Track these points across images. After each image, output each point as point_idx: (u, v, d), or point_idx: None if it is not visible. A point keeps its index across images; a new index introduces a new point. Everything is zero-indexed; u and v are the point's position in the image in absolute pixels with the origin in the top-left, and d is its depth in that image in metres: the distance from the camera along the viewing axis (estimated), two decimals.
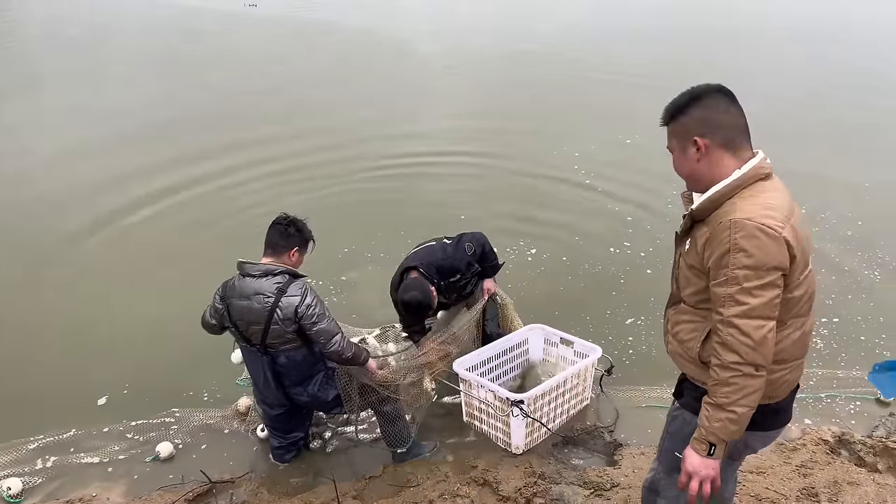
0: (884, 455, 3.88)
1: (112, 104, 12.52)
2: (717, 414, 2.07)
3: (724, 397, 2.05)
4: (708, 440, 2.11)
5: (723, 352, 2.04)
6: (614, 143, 9.84)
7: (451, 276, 4.37)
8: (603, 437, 4.17)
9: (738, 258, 1.98)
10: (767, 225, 1.97)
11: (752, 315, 1.99)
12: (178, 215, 7.77)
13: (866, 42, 18.34)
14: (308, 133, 10.63)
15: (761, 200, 2.04)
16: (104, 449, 4.24)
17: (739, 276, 1.98)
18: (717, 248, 2.03)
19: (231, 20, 22.01)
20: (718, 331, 2.06)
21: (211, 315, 3.70)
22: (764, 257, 1.96)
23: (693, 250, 2.18)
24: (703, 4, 24.92)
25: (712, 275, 2.07)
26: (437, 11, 25.28)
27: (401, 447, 3.95)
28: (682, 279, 2.29)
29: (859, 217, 7.24)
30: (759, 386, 2.05)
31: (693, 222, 2.20)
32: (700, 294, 2.19)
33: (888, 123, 10.80)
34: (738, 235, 1.97)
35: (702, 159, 2.12)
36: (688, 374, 2.34)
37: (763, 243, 1.96)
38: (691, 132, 2.13)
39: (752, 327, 1.99)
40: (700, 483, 2.15)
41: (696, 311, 2.23)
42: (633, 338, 5.22)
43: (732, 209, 2.04)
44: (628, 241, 6.83)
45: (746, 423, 2.09)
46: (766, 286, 1.98)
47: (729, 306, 2.01)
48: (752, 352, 2.00)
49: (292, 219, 3.66)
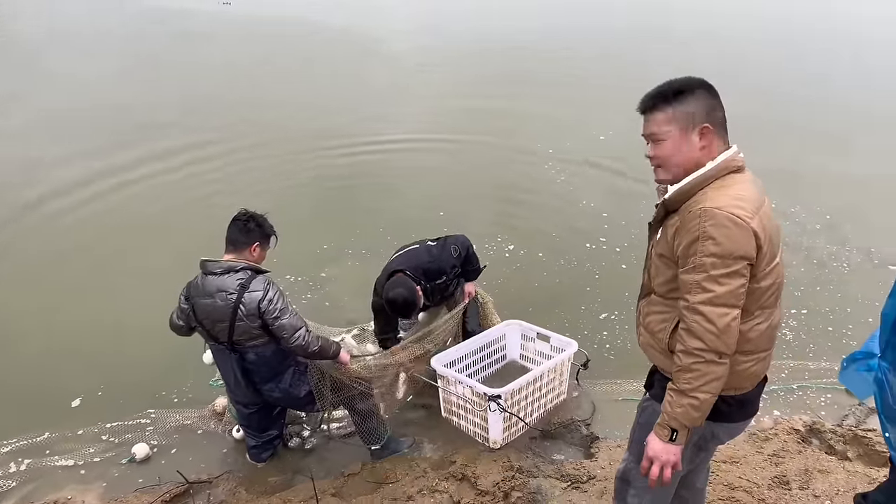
0: (853, 443, 3.96)
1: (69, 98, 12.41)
2: (679, 399, 2.11)
3: (687, 383, 2.08)
4: (670, 425, 2.14)
5: (687, 338, 2.07)
6: (589, 139, 9.92)
7: (437, 279, 4.37)
8: (580, 431, 4.21)
9: (706, 246, 2.00)
10: (736, 215, 1.99)
11: (718, 303, 2.02)
12: (146, 213, 7.71)
13: (834, 40, 18.67)
14: (279, 126, 10.65)
15: (732, 192, 2.06)
16: (79, 451, 4.19)
17: (707, 264, 2.01)
18: (686, 235, 2.06)
19: (206, 18, 21.77)
20: (684, 317, 2.08)
21: (178, 317, 3.67)
22: (731, 246, 1.99)
23: (664, 239, 2.20)
24: (679, 4, 25.19)
25: (681, 262, 2.10)
26: (413, 12, 25.22)
27: (375, 444, 3.96)
28: (653, 270, 2.31)
29: (827, 211, 7.40)
30: (722, 373, 2.08)
31: (666, 212, 2.22)
32: (669, 284, 2.21)
33: (858, 120, 11.01)
34: (708, 224, 2.00)
35: (704, 147, 2.13)
36: (658, 364, 2.37)
37: (731, 232, 1.99)
38: (698, 119, 2.12)
39: (716, 315, 2.02)
40: (661, 468, 2.18)
41: (665, 302, 2.26)
42: (607, 332, 5.28)
43: (703, 199, 2.07)
44: (604, 237, 6.90)
45: (708, 410, 2.12)
46: (733, 275, 2.01)
47: (695, 293, 2.04)
48: (716, 339, 2.03)
49: (252, 214, 3.64)
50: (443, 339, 4.49)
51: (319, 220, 7.43)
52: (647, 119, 2.20)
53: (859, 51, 16.85)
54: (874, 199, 7.79)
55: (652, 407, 2.41)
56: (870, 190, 8.03)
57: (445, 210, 7.46)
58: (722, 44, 17.40)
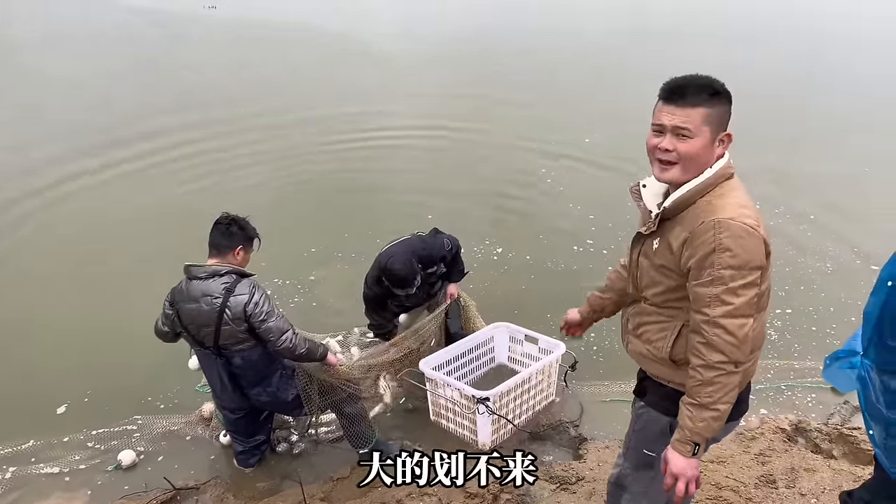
0: (839, 442, 4.00)
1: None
2: (700, 414, 2.07)
3: (709, 396, 2.05)
4: (693, 441, 2.11)
5: (707, 352, 2.04)
6: (574, 141, 9.96)
7: (430, 267, 4.35)
8: (568, 432, 4.22)
9: (723, 258, 1.97)
10: (749, 224, 1.98)
11: (737, 314, 2.00)
12: (128, 218, 7.63)
13: (820, 38, 18.84)
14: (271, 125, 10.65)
15: (735, 200, 2.05)
16: (64, 459, 4.15)
17: (725, 276, 1.98)
18: (699, 248, 2.02)
19: (189, 22, 21.66)
20: (703, 331, 2.04)
21: (163, 322, 3.65)
22: (747, 256, 1.98)
23: (666, 250, 2.14)
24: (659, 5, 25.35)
25: (694, 275, 2.05)
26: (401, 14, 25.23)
27: (363, 447, 3.95)
28: (644, 279, 2.27)
29: (812, 211, 7.47)
30: (739, 382, 2.08)
31: (660, 220, 2.17)
32: (669, 294, 2.19)
33: (842, 119, 11.12)
34: (723, 235, 1.97)
35: (720, 156, 2.10)
36: (654, 373, 2.35)
37: (746, 243, 1.98)
38: (725, 123, 2.09)
39: (736, 326, 2.00)
40: (686, 483, 2.15)
41: (661, 311, 2.24)
42: (594, 334, 5.28)
43: (710, 209, 2.03)
44: (591, 239, 6.92)
45: (726, 418, 2.11)
46: (749, 285, 2.00)
47: (715, 306, 2.01)
48: (736, 350, 2.02)
49: (234, 217, 3.63)
50: (426, 340, 4.48)
51: (308, 222, 7.43)
52: (675, 109, 2.05)
53: (823, 48, 17.05)
54: (857, 199, 7.87)
55: (647, 414, 2.40)
56: (852, 190, 8.12)
57: (434, 213, 7.47)
58: (686, 42, 17.51)
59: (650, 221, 2.18)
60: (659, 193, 2.24)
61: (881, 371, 2.13)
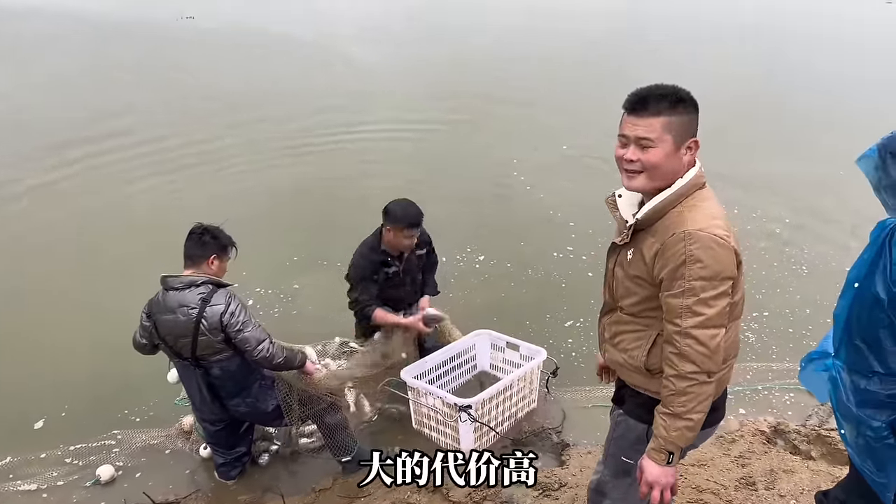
0: (817, 443, 4.04)
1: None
2: (674, 423, 2.10)
3: (682, 406, 2.07)
4: (667, 449, 2.13)
5: (679, 362, 2.06)
6: (552, 148, 10.04)
7: (420, 247, 4.37)
8: (551, 438, 4.24)
9: (693, 269, 1.99)
10: (719, 235, 2.00)
11: (709, 325, 2.02)
12: (102, 228, 7.60)
13: (789, 40, 19.16)
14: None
15: (706, 211, 2.06)
16: (42, 475, 4.09)
17: (696, 287, 2.00)
18: (670, 259, 2.03)
19: (168, 31, 21.57)
20: (675, 341, 2.06)
21: (140, 335, 3.63)
22: (718, 267, 2.00)
23: (639, 261, 2.16)
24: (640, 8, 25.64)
25: (665, 286, 2.07)
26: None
27: (345, 457, 3.93)
28: (619, 289, 2.28)
29: (787, 215, 7.58)
30: (712, 391, 2.10)
31: (633, 231, 2.19)
32: (643, 304, 2.20)
33: (810, 119, 11.31)
34: (694, 247, 1.99)
35: (689, 163, 2.12)
36: (630, 382, 2.36)
37: (717, 253, 1.99)
38: (691, 131, 2.10)
39: (708, 336, 2.02)
40: (661, 491, 2.17)
41: (637, 321, 2.25)
42: (572, 340, 5.34)
43: (681, 220, 2.05)
44: (571, 246, 6.97)
45: (700, 427, 2.13)
46: (720, 296, 2.02)
47: (686, 317, 2.02)
48: (708, 360, 2.04)
49: (206, 227, 3.62)
50: (401, 353, 4.44)
51: (291, 230, 7.41)
52: (637, 120, 2.08)
53: (784, 46, 17.35)
54: (829, 200, 8.00)
55: (626, 422, 2.42)
56: (825, 192, 8.25)
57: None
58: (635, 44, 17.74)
59: (625, 232, 2.21)
60: (634, 203, 2.26)
61: (851, 371, 2.17)
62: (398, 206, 4.14)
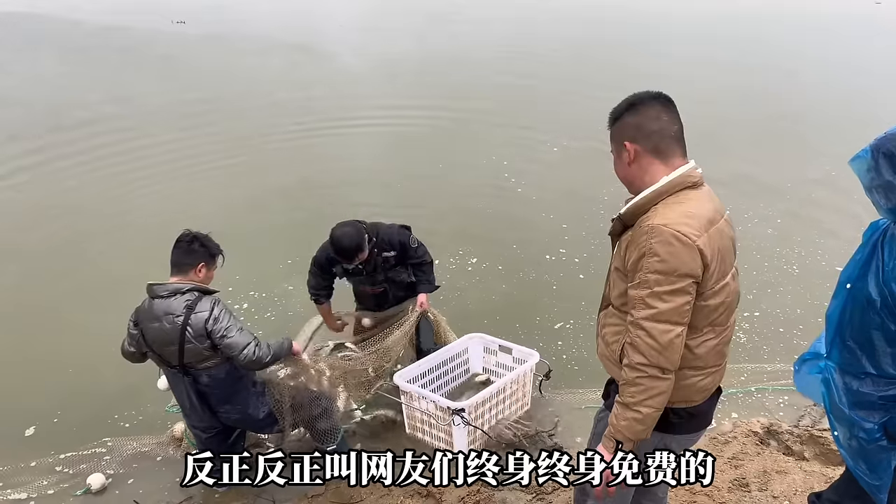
0: (810, 443, 4.05)
1: None
2: (624, 413, 2.12)
3: (631, 397, 2.09)
4: (615, 438, 2.15)
5: (631, 352, 2.09)
6: (541, 150, 10.05)
7: (386, 250, 4.37)
8: (544, 441, 4.22)
9: (651, 262, 2.01)
10: (682, 232, 2.00)
11: (660, 319, 2.03)
12: (92, 233, 7.56)
13: (784, 39, 19.27)
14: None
15: (683, 209, 2.07)
16: (31, 484, 4.05)
17: (651, 280, 2.02)
18: (634, 251, 2.07)
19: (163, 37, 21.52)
20: (629, 332, 2.10)
21: (129, 343, 3.60)
22: (675, 262, 2.00)
23: (618, 254, 2.22)
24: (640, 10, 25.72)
25: (629, 277, 2.12)
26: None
27: (330, 444, 3.90)
28: (610, 282, 2.33)
29: (778, 215, 7.61)
30: (666, 388, 2.09)
31: (623, 227, 2.23)
32: (623, 297, 2.22)
33: (806, 125, 11.36)
34: (654, 241, 2.01)
35: (632, 164, 2.16)
36: (612, 375, 2.38)
37: (675, 250, 2.00)
38: (624, 137, 2.17)
39: (658, 331, 2.03)
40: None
41: (619, 314, 2.26)
42: (562, 342, 5.34)
43: (653, 215, 2.08)
44: (564, 248, 6.96)
45: (653, 424, 2.13)
46: (676, 292, 2.01)
47: (639, 309, 2.06)
48: (658, 355, 2.04)
49: (195, 234, 3.60)
50: (397, 351, 4.47)
51: (286, 233, 7.37)
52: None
53: (773, 46, 17.46)
54: (821, 201, 8.04)
55: (607, 418, 2.40)
56: (816, 192, 8.29)
57: (409, 223, 7.46)
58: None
59: (613, 223, 2.28)
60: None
61: (843, 372, 2.17)
62: (332, 237, 4.19)
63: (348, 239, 4.11)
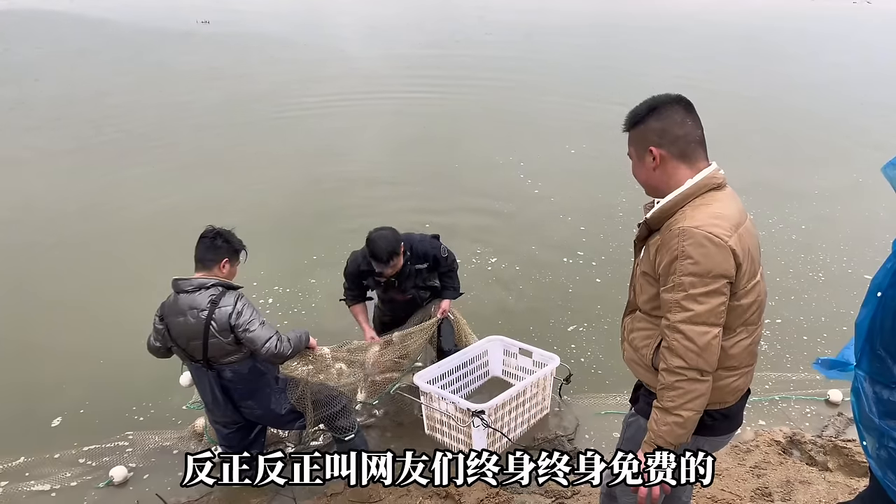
0: (833, 454, 4.00)
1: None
2: (664, 418, 2.11)
3: (671, 401, 2.09)
4: (656, 444, 2.14)
5: (669, 356, 2.08)
6: (559, 152, 10.02)
7: (419, 262, 4.37)
8: (563, 446, 4.21)
9: (684, 265, 2.01)
10: (714, 233, 2.00)
11: (697, 321, 2.03)
12: (121, 231, 7.64)
13: (810, 54, 19.06)
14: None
15: (711, 210, 2.07)
16: (55, 475, 4.10)
17: (686, 283, 2.02)
18: (666, 254, 2.07)
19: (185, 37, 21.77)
20: (666, 335, 2.09)
21: (154, 338, 3.64)
22: (709, 265, 2.00)
23: (647, 258, 2.21)
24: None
25: (662, 281, 2.11)
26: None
27: (349, 434, 3.93)
28: (636, 286, 2.32)
29: (803, 221, 7.52)
30: (705, 391, 2.09)
31: (649, 231, 2.23)
32: (653, 301, 2.22)
33: (832, 133, 11.22)
34: (686, 243, 2.01)
35: (657, 168, 2.16)
36: (642, 380, 2.38)
37: (709, 251, 2.00)
38: (648, 142, 2.16)
39: (696, 333, 2.03)
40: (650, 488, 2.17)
41: (649, 319, 2.26)
42: (575, 345, 5.31)
43: (682, 217, 2.07)
44: (581, 251, 6.94)
45: (693, 427, 2.13)
46: (712, 293, 2.02)
47: (675, 312, 2.05)
48: (697, 357, 2.04)
49: (219, 230, 3.62)
50: (411, 352, 4.47)
51: (311, 230, 7.45)
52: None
53: (797, 53, 17.21)
54: (848, 208, 7.94)
55: (637, 422, 2.42)
56: (843, 199, 8.19)
57: (431, 222, 7.48)
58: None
59: (639, 229, 2.28)
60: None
61: (873, 381, 2.14)
62: (369, 242, 4.16)
63: (385, 241, 4.09)
